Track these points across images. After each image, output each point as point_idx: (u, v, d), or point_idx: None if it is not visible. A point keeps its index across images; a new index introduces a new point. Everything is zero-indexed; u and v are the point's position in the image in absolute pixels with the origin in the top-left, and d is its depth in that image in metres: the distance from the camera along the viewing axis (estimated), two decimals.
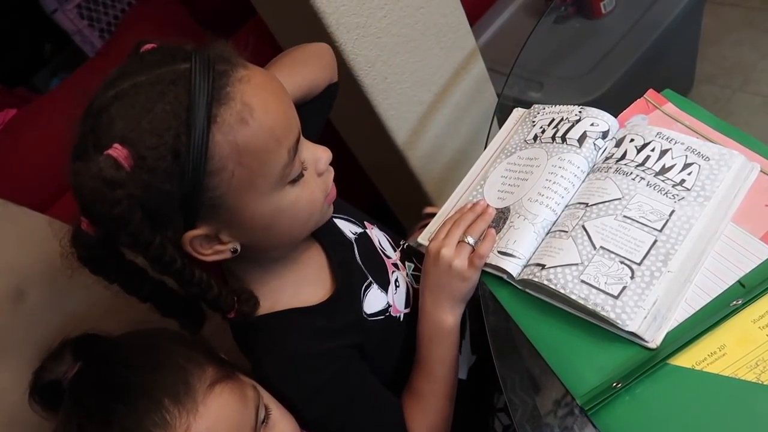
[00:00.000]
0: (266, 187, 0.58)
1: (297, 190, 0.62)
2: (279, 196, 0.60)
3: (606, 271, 0.60)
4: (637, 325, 0.56)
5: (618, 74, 1.36)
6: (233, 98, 0.54)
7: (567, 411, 0.61)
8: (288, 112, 0.60)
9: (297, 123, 0.61)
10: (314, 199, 0.65)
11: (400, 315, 0.78)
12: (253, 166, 0.56)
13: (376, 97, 1.13)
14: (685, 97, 0.75)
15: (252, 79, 0.56)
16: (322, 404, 0.67)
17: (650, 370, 0.55)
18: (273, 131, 0.56)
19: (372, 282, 0.76)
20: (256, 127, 0.55)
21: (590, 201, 0.67)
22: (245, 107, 0.54)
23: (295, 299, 0.70)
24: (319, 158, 0.65)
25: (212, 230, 0.59)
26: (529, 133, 0.80)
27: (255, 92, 0.56)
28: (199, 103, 0.52)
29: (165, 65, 0.55)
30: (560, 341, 0.61)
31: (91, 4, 2.76)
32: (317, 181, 0.65)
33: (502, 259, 0.68)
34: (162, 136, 0.52)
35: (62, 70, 3.00)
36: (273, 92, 0.59)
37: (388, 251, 0.85)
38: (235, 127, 0.54)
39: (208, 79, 0.53)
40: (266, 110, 0.56)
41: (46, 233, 1.02)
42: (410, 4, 1.09)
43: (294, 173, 0.60)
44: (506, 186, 0.76)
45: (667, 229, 0.61)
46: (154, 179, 0.53)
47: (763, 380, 0.51)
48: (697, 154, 0.65)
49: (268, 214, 0.60)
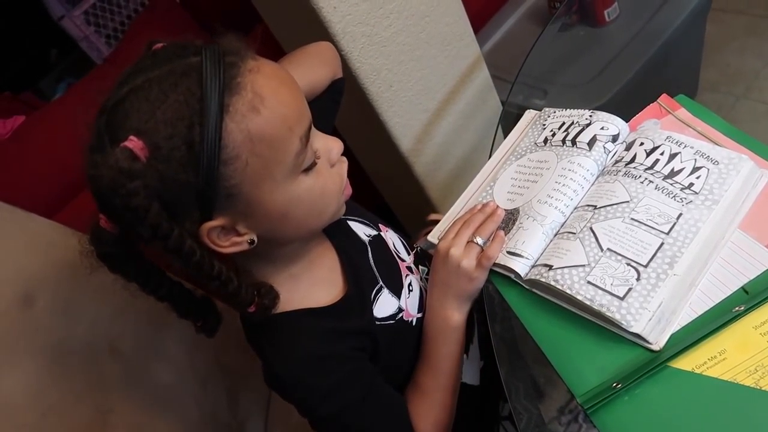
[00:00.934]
0: (280, 175, 0.59)
1: (311, 179, 0.62)
2: (293, 184, 0.61)
3: (612, 273, 0.60)
4: (642, 326, 0.56)
5: (622, 82, 1.37)
6: (244, 88, 0.55)
7: (571, 418, 0.61)
8: (299, 101, 0.61)
9: (308, 112, 0.62)
10: (328, 188, 0.65)
11: (413, 319, 0.78)
12: (266, 154, 0.57)
13: (382, 104, 1.14)
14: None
15: (262, 69, 0.57)
16: (331, 405, 0.67)
17: (650, 372, 0.55)
18: (285, 119, 0.57)
19: (383, 287, 0.77)
20: (268, 115, 0.56)
21: (599, 203, 0.68)
22: (256, 96, 0.55)
23: (306, 300, 0.70)
24: (331, 148, 0.66)
25: (229, 221, 0.59)
26: (540, 136, 0.81)
27: (265, 82, 0.57)
28: (212, 94, 0.53)
29: (176, 59, 0.55)
30: (564, 341, 0.62)
31: (98, 10, 2.78)
32: (330, 172, 0.66)
33: (511, 259, 0.68)
34: (176, 126, 0.53)
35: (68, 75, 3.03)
36: (283, 81, 0.59)
37: (403, 254, 0.85)
38: (247, 116, 0.54)
39: (219, 70, 0.54)
40: (277, 99, 0.57)
41: (54, 239, 1.03)
42: (415, 13, 1.10)
43: (307, 162, 0.61)
44: (516, 188, 0.77)
45: (674, 232, 0.61)
46: (170, 169, 0.53)
47: (762, 386, 0.51)
48: (707, 158, 0.66)
49: (283, 203, 0.61)
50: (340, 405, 0.67)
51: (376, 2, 1.03)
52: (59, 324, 0.96)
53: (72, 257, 1.02)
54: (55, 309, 0.96)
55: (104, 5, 2.79)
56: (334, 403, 0.67)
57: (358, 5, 1.00)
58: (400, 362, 0.78)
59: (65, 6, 2.79)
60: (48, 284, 0.97)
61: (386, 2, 1.04)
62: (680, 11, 1.41)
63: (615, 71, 1.39)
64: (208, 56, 0.55)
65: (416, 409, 0.74)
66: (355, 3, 1.00)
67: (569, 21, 1.52)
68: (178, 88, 0.53)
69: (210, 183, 0.54)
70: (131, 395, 1.02)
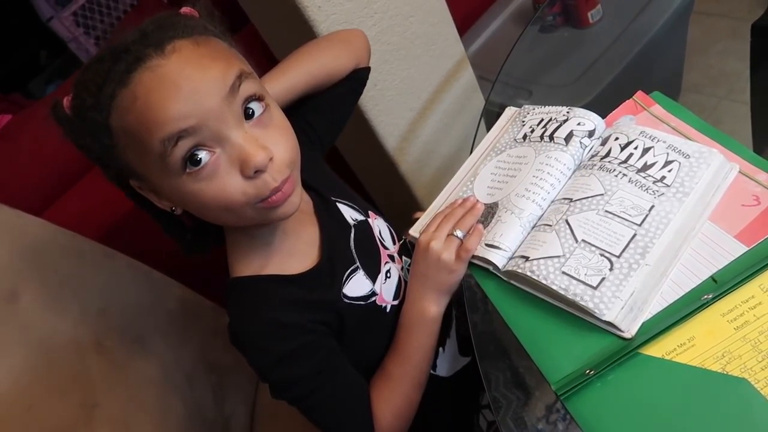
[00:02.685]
0: (155, 170, 0.62)
1: (198, 184, 0.61)
2: (177, 183, 0.61)
3: (586, 263, 0.62)
4: (614, 314, 0.58)
5: (605, 82, 1.39)
6: (128, 85, 0.58)
7: (559, 416, 0.63)
8: (175, 104, 0.58)
9: (188, 119, 0.58)
10: (226, 196, 0.61)
11: (387, 305, 0.80)
12: (135, 148, 0.61)
13: (367, 103, 1.15)
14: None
15: (160, 69, 0.58)
16: (282, 372, 0.69)
17: (622, 359, 0.57)
18: (146, 123, 0.58)
19: (359, 267, 0.79)
20: (135, 114, 0.58)
21: (574, 197, 0.69)
22: (132, 95, 0.58)
23: (279, 267, 0.73)
24: (246, 160, 0.60)
25: (144, 188, 0.66)
26: (519, 132, 0.82)
27: (149, 81, 0.58)
28: (112, 80, 0.59)
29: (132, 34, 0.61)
30: (540, 330, 0.63)
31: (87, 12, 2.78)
32: (235, 181, 0.61)
33: (489, 251, 0.70)
34: (83, 94, 0.61)
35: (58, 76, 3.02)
36: (170, 83, 0.58)
37: (387, 242, 0.87)
38: (121, 111, 0.59)
39: (130, 58, 0.58)
40: (147, 101, 0.58)
41: (40, 236, 1.03)
42: (399, 14, 1.11)
43: (173, 166, 0.59)
44: (495, 182, 0.78)
45: (646, 223, 0.63)
46: (81, 130, 0.63)
47: (728, 370, 0.53)
48: (678, 151, 0.67)
49: (176, 196, 0.64)
50: (292, 374, 0.69)
51: (361, 2, 1.04)
52: (45, 319, 0.96)
53: (59, 254, 1.03)
54: (40, 304, 0.96)
55: (93, 6, 2.79)
56: (285, 372, 0.69)
57: (343, 5, 1.02)
58: (372, 347, 0.80)
59: (54, 7, 2.79)
60: (34, 280, 0.97)
61: (371, 2, 1.05)
62: (662, 13, 1.44)
63: (598, 72, 1.42)
64: (138, 40, 0.60)
65: (379, 394, 0.75)
66: (340, 2, 1.01)
67: (554, 23, 1.54)
68: (102, 65, 0.60)
69: (108, 155, 0.63)
70: (117, 390, 1.03)
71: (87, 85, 0.60)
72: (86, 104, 0.60)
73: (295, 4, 0.96)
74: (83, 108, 0.61)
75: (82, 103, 0.61)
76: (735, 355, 0.54)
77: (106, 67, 0.59)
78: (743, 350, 0.54)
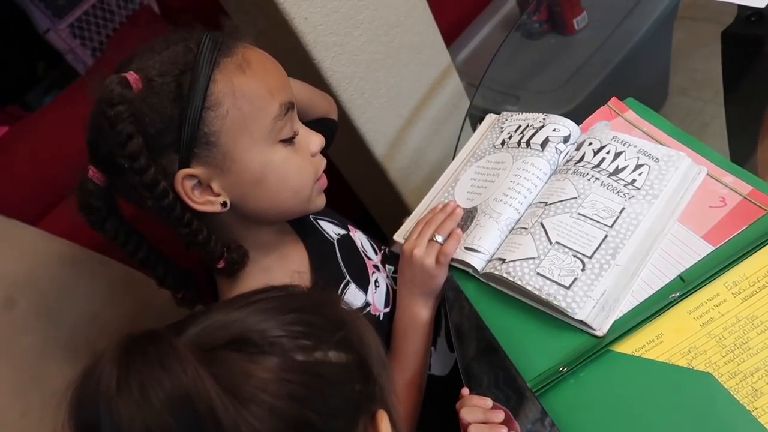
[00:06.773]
0: (257, 134, 0.64)
1: (288, 152, 0.68)
2: (269, 149, 0.66)
3: (560, 264, 0.64)
4: (586, 313, 0.60)
5: (591, 87, 1.41)
6: (236, 53, 0.63)
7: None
8: (282, 76, 0.68)
9: (291, 91, 0.68)
10: (305, 170, 0.70)
11: (379, 314, 0.82)
12: (246, 110, 0.63)
13: (354, 111, 1.17)
14: (652, 108, 0.79)
15: (254, 49, 0.66)
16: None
17: (594, 356, 0.59)
18: (267, 83, 0.64)
19: (350, 282, 0.80)
20: (252, 75, 0.63)
21: (549, 200, 0.71)
22: (244, 61, 0.63)
23: None
24: (312, 140, 0.71)
25: (204, 173, 0.63)
26: (498, 139, 0.85)
27: (254, 54, 0.65)
28: (206, 49, 0.61)
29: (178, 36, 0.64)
30: (517, 330, 0.65)
31: (83, 24, 2.81)
32: (308, 158, 0.70)
33: (468, 254, 0.72)
34: (170, 68, 0.61)
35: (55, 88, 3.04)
36: (270, 59, 0.67)
37: (369, 253, 0.89)
38: (233, 72, 0.62)
39: (217, 37, 0.63)
40: (262, 66, 0.65)
41: (36, 245, 1.05)
42: (385, 23, 1.13)
43: (285, 132, 0.66)
44: (475, 188, 0.81)
45: (617, 225, 0.65)
46: (158, 102, 0.60)
47: (694, 365, 0.55)
48: (648, 155, 0.70)
49: (258, 164, 0.65)
50: None
51: (347, 13, 1.06)
52: (40, 326, 0.98)
53: (54, 262, 1.05)
54: (36, 312, 0.98)
55: (90, 18, 2.82)
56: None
57: (329, 16, 1.04)
58: None
59: (51, 19, 2.82)
60: (29, 288, 0.99)
61: (357, 13, 1.08)
62: (646, 19, 1.47)
63: (584, 77, 1.44)
64: (210, 35, 0.63)
65: None
66: (326, 14, 1.03)
67: (540, 30, 1.57)
68: (179, 45, 0.62)
69: (192, 123, 0.60)
70: None
71: (168, 58, 0.61)
72: (170, 72, 0.60)
73: (281, 16, 0.98)
74: (164, 79, 0.60)
75: (162, 74, 0.61)
76: (700, 351, 0.56)
77: (185, 46, 0.62)
78: (708, 346, 0.56)
